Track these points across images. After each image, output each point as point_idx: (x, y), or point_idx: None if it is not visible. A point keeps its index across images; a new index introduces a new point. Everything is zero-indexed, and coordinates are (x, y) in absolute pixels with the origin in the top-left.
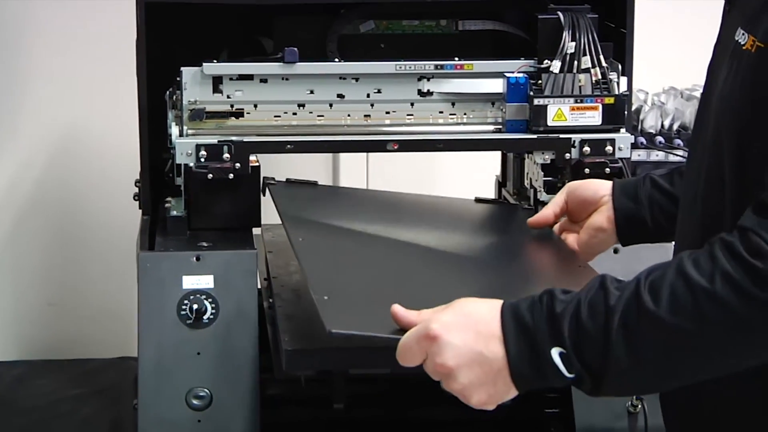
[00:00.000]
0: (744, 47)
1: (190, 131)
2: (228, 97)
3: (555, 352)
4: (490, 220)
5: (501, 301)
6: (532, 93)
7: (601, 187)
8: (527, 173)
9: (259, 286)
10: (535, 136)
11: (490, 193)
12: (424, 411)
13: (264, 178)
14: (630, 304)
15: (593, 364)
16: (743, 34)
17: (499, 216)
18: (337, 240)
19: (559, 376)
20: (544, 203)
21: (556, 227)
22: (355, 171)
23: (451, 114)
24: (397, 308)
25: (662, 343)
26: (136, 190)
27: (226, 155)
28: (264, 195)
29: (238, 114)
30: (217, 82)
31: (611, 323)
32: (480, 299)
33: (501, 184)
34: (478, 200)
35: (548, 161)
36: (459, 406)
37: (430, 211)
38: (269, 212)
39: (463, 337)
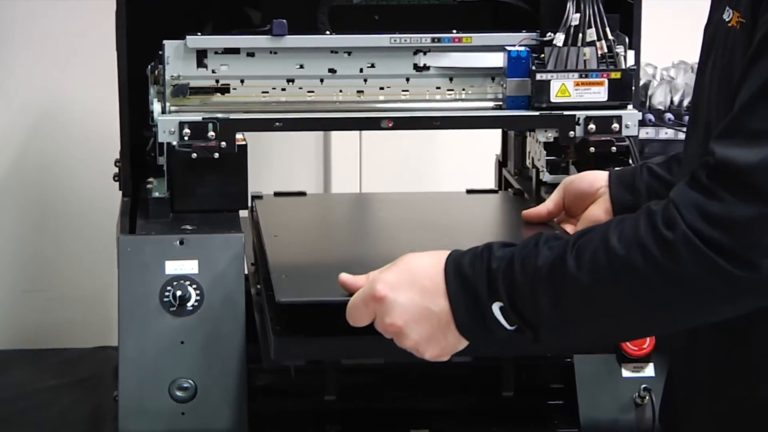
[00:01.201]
0: (729, 24)
1: (173, 108)
2: (213, 71)
3: (496, 307)
4: (481, 213)
5: (446, 254)
6: (534, 67)
7: (597, 179)
8: (529, 152)
9: (246, 272)
10: (537, 113)
11: (490, 174)
12: (419, 401)
13: (252, 196)
14: (556, 265)
15: (528, 319)
16: (728, 11)
17: (490, 207)
18: (312, 239)
19: (501, 328)
20: (546, 184)
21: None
22: (347, 150)
23: (448, 90)
24: (344, 275)
25: (583, 304)
26: (116, 170)
27: (211, 133)
28: (251, 213)
29: (224, 90)
30: (201, 56)
31: (538, 282)
32: (425, 253)
33: (501, 164)
34: (469, 191)
35: (551, 139)
36: (455, 396)
37: (418, 211)
38: (259, 188)
39: (409, 294)
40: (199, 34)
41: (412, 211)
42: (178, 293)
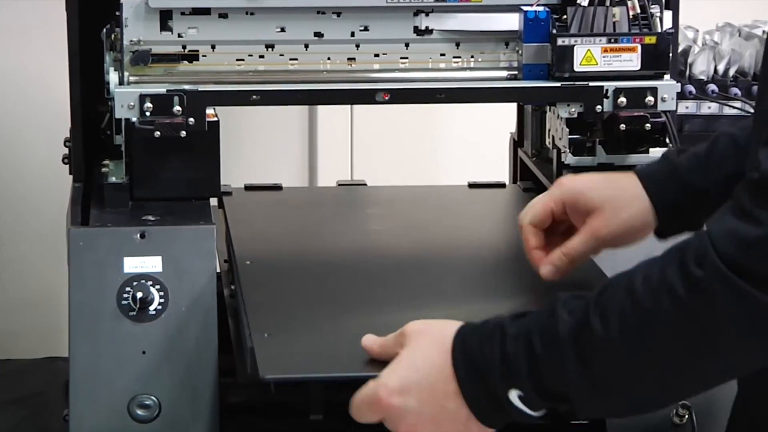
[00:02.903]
0: None
1: (132, 78)
2: (179, 36)
3: (513, 395)
4: (484, 212)
5: (452, 336)
6: (555, 31)
7: (622, 182)
8: (549, 130)
9: (218, 270)
10: (558, 85)
11: (504, 156)
12: None
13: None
14: (580, 330)
15: (558, 399)
16: None
17: (495, 204)
18: (291, 262)
19: (526, 416)
20: (569, 167)
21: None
22: (337, 128)
23: (454, 57)
24: (369, 340)
25: (619, 369)
26: (66, 151)
27: (177, 108)
28: (220, 207)
29: (192, 57)
30: (165, 17)
31: (564, 354)
32: (428, 336)
33: (517, 144)
34: (472, 185)
35: (575, 115)
36: None
37: (413, 207)
38: (231, 177)
39: (419, 396)
40: None
41: (406, 210)
42: (139, 295)
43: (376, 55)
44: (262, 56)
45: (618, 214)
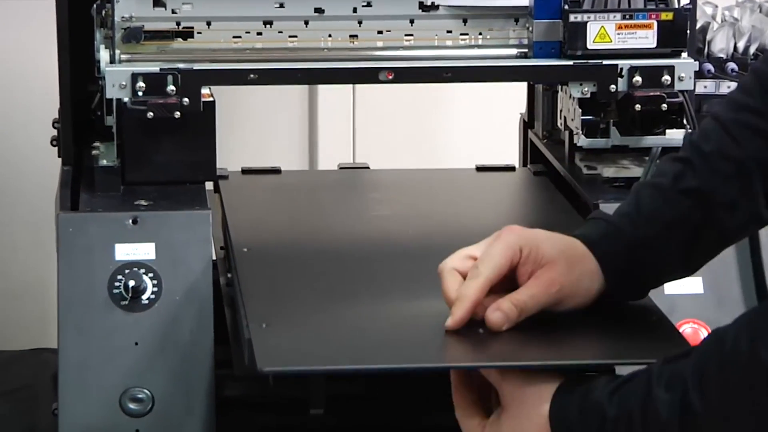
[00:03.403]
0: None
1: (124, 56)
2: (173, 12)
3: None
4: (493, 196)
5: (547, 417)
6: (567, 6)
7: (569, 243)
8: (561, 111)
9: (214, 257)
10: (570, 63)
11: (513, 137)
12: (427, 416)
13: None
14: (684, 413)
15: None
16: None
17: (504, 188)
18: (291, 249)
19: None
20: (582, 150)
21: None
22: (338, 109)
23: (462, 34)
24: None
25: None
26: (55, 132)
27: (171, 87)
28: (216, 192)
29: (187, 34)
30: None
31: None
32: (524, 404)
33: (527, 125)
34: (480, 169)
35: (588, 95)
36: None
37: (418, 192)
38: (228, 160)
39: None
40: None
41: (411, 195)
42: (131, 283)
43: (380, 32)
44: (260, 33)
45: (572, 269)
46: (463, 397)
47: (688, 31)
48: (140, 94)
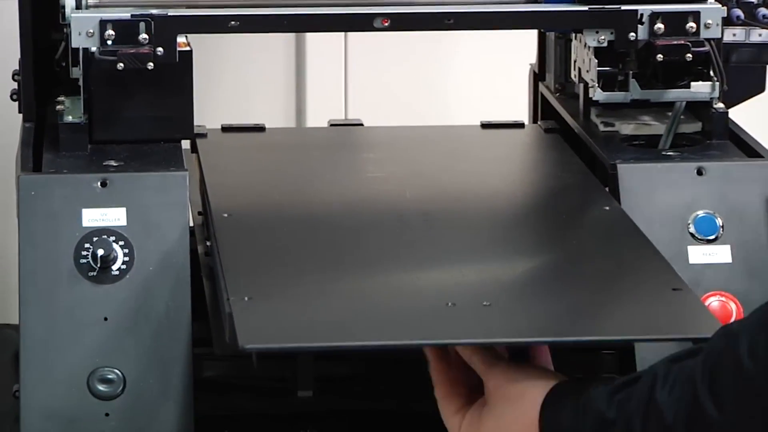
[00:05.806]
0: None
1: (91, 1)
2: None
3: None
4: (500, 156)
5: (538, 418)
6: None
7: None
8: (575, 61)
9: (191, 223)
10: (585, 8)
11: (522, 90)
12: (422, 401)
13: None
14: (694, 418)
15: None
16: None
17: (512, 147)
18: (276, 214)
19: None
20: (598, 105)
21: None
22: (328, 60)
23: None
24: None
25: None
26: (15, 85)
27: (144, 36)
28: (193, 152)
29: None
30: None
31: None
32: (510, 402)
33: (538, 77)
34: (486, 126)
35: (605, 44)
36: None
37: (416, 151)
38: (206, 117)
39: None
40: None
41: (409, 154)
42: (100, 252)
43: None
44: None
45: None
46: (443, 376)
47: None
48: (109, 43)
